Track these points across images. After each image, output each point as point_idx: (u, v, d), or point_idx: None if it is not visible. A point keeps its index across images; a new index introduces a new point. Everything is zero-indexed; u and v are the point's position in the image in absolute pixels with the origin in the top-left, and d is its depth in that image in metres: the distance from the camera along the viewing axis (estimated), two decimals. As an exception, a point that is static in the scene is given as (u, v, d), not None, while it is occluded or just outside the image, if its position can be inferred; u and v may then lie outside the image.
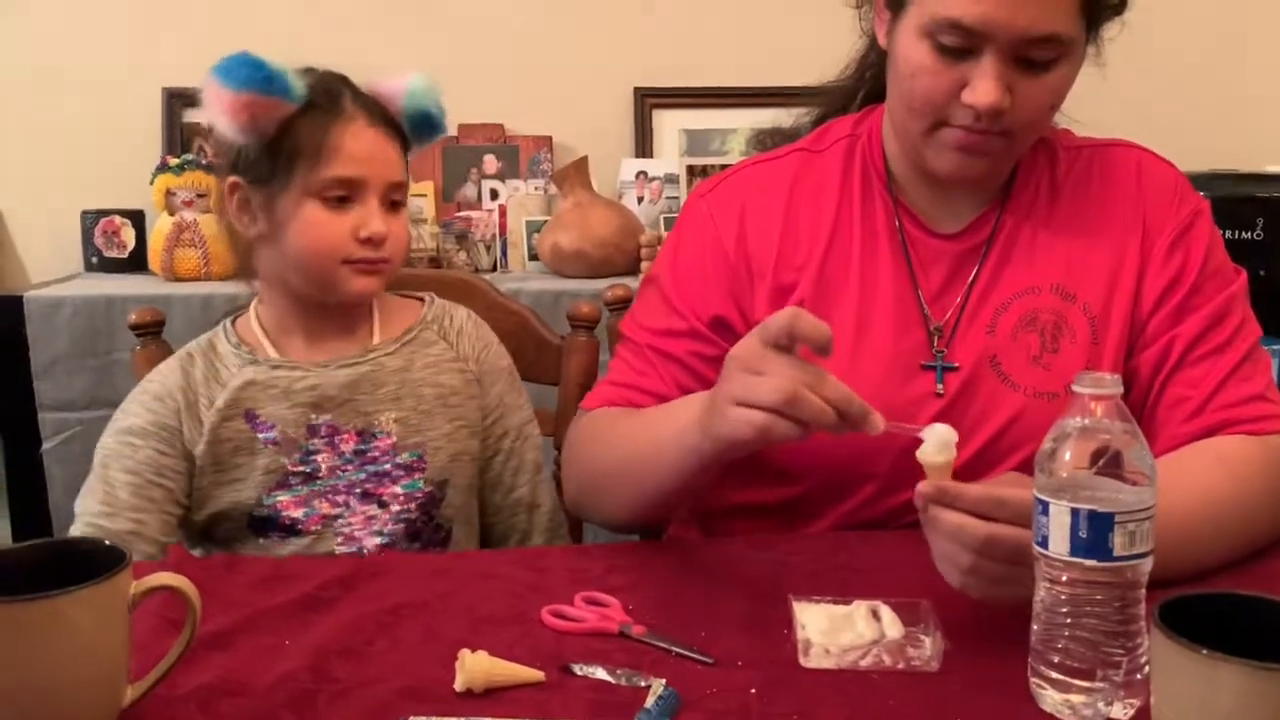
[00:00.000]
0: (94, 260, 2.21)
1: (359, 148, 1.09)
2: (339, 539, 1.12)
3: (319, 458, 1.13)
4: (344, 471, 1.13)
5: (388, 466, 1.14)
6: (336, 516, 1.13)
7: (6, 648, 0.63)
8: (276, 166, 1.09)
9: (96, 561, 0.68)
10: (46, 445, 1.93)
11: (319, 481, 1.13)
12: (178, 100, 2.29)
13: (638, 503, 1.00)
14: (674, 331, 1.07)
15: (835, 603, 0.81)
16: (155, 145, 2.26)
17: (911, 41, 0.96)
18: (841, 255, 1.05)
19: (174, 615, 0.75)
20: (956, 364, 1.02)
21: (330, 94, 1.11)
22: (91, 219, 2.21)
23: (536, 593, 0.88)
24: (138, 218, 2.21)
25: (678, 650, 0.78)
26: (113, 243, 2.20)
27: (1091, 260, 1.03)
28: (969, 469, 0.99)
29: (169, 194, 2.07)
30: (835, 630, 0.78)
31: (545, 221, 2.14)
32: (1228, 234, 1.92)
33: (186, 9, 2.28)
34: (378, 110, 1.12)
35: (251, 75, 1.05)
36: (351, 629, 0.83)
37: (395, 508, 1.14)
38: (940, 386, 1.02)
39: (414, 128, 1.16)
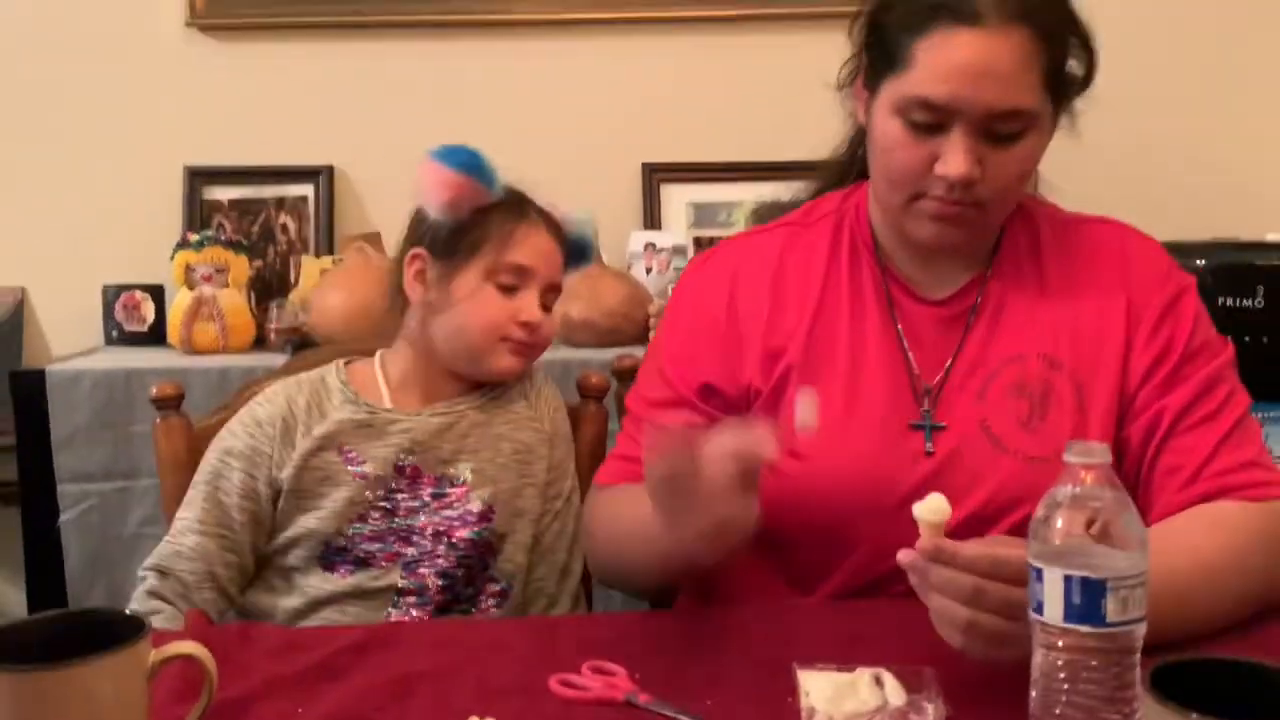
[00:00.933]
0: (114, 334, 2.25)
1: (536, 245, 1.24)
2: (403, 572, 1.18)
3: (400, 496, 1.20)
4: (420, 512, 1.20)
5: (460, 511, 1.21)
6: (409, 553, 1.19)
7: (28, 716, 0.65)
8: (462, 246, 1.23)
9: (116, 631, 0.70)
10: (64, 517, 1.95)
11: (397, 519, 1.20)
12: (199, 178, 2.35)
13: (651, 578, 1.04)
14: (667, 402, 1.12)
15: (839, 670, 0.82)
16: (176, 222, 2.31)
17: (886, 118, 1.01)
18: (829, 321, 1.08)
19: (191, 683, 0.76)
20: (944, 424, 1.04)
21: (519, 198, 1.27)
22: (113, 294, 2.25)
23: (545, 661, 0.89)
24: (157, 292, 2.25)
25: (683, 719, 0.79)
26: (133, 317, 2.25)
27: (1077, 330, 1.06)
28: (962, 531, 1.00)
29: (188, 269, 2.12)
30: (839, 697, 0.79)
31: (556, 293, 2.18)
32: (1228, 302, 1.94)
33: (208, 89, 2.35)
34: (553, 223, 1.28)
35: (468, 161, 1.21)
36: (363, 697, 0.84)
37: (461, 551, 1.19)
38: (930, 445, 1.04)
39: (572, 252, 1.31)
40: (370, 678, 0.88)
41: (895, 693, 0.80)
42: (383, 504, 1.20)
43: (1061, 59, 1.00)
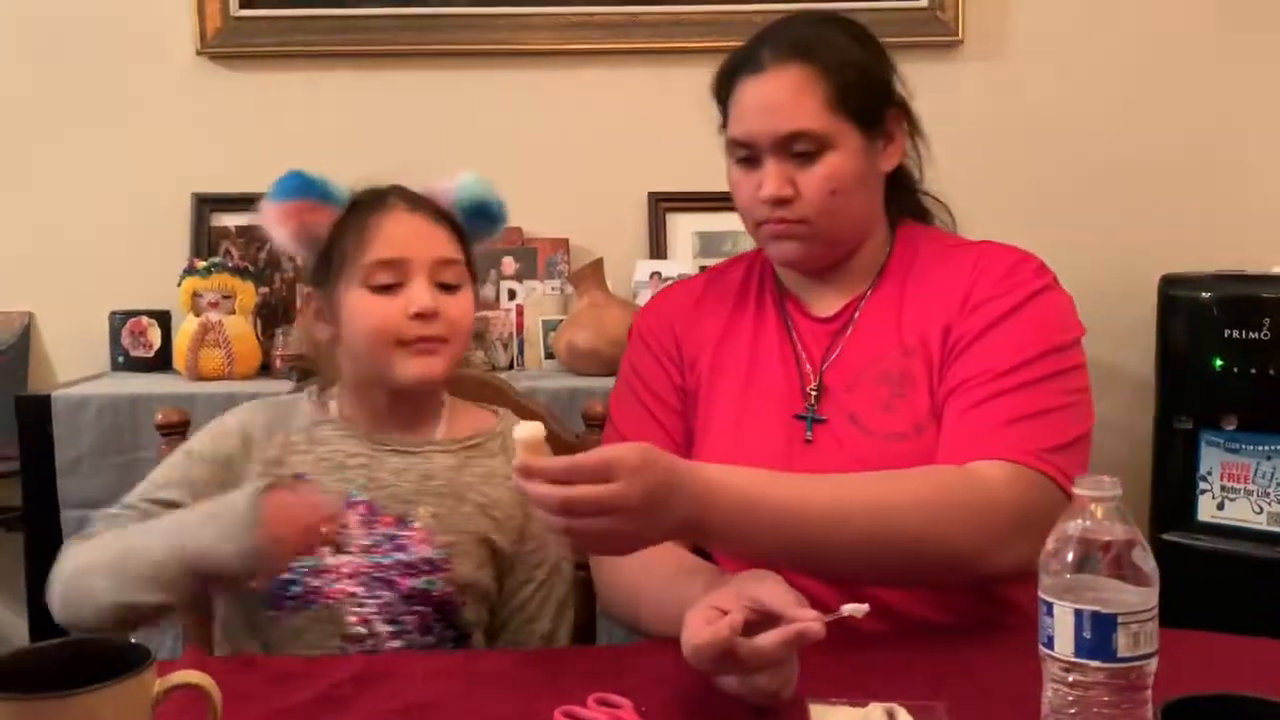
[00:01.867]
0: (120, 360, 2.25)
1: (397, 231, 1.14)
2: (353, 618, 1.13)
3: (352, 533, 1.14)
4: (372, 553, 1.14)
5: (413, 558, 1.14)
6: (355, 595, 1.13)
7: (32, 745, 0.65)
8: (330, 267, 1.16)
9: (121, 659, 0.70)
10: (67, 544, 1.94)
11: (345, 555, 1.13)
12: (206, 205, 2.36)
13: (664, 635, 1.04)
14: (645, 407, 1.24)
15: (851, 704, 0.82)
16: (184, 248, 2.32)
17: (729, 163, 1.20)
18: (735, 336, 1.25)
19: (195, 712, 0.76)
20: (825, 417, 1.17)
21: (374, 192, 1.18)
22: (119, 320, 2.26)
23: (549, 693, 0.88)
24: (164, 318, 2.26)
25: (690, 751, 0.79)
26: (139, 343, 2.25)
27: (927, 324, 1.16)
28: None
29: (195, 295, 2.12)
30: None
31: (561, 321, 2.18)
32: (1235, 334, 1.94)
33: (218, 117, 2.36)
34: (422, 201, 1.18)
35: (293, 185, 1.16)
36: (367, 728, 0.84)
37: (412, 599, 1.14)
38: (809, 434, 1.17)
39: (470, 218, 1.21)
40: (373, 708, 0.88)
41: None
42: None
43: (847, 85, 1.13)
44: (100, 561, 1.05)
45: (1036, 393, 1.07)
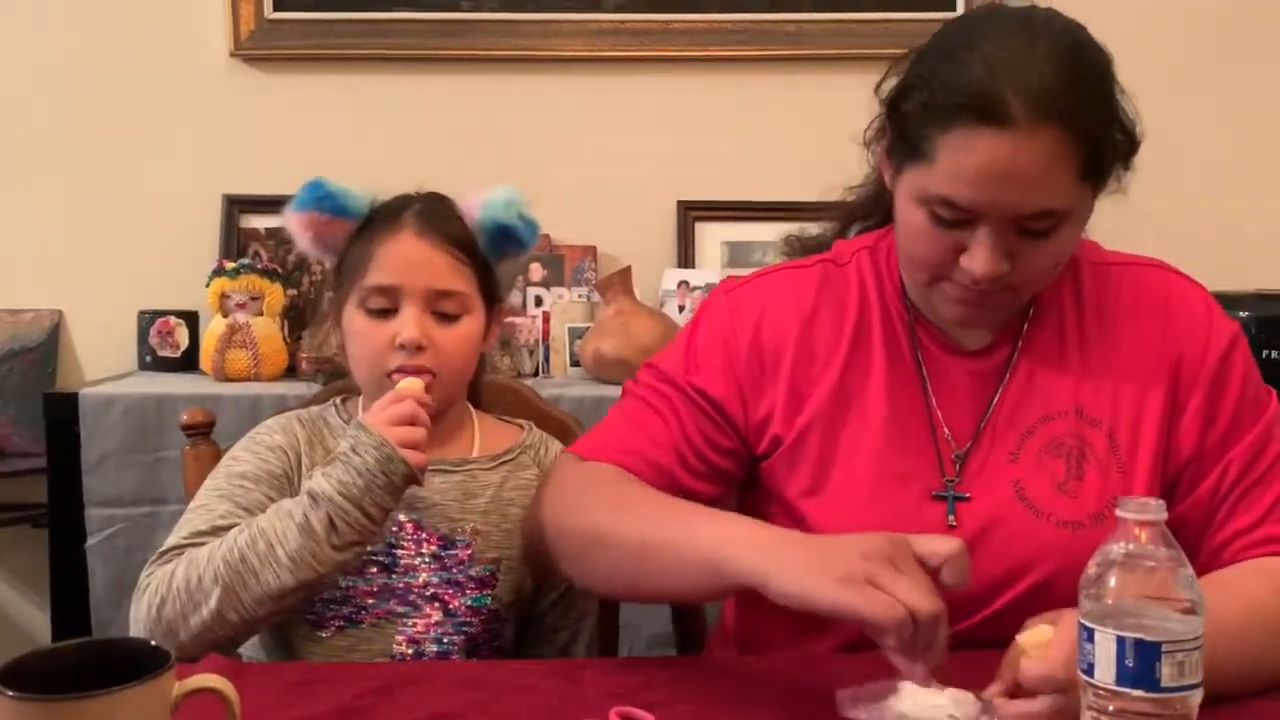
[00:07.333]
0: (148, 359, 2.26)
1: (396, 257, 1.12)
2: (400, 638, 1.11)
3: (399, 552, 1.13)
4: (419, 571, 1.13)
5: (461, 576, 1.14)
6: (404, 614, 1.12)
7: (49, 748, 0.64)
8: (342, 279, 1.16)
9: (141, 662, 0.69)
10: (91, 541, 1.95)
11: (395, 575, 1.12)
12: (236, 206, 2.37)
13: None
14: (669, 393, 1.08)
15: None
16: (213, 249, 2.33)
17: (908, 205, 0.96)
18: (860, 372, 1.04)
19: (214, 718, 0.75)
20: (968, 494, 1.00)
21: (392, 210, 1.16)
22: (148, 319, 2.27)
23: (572, 706, 0.87)
24: (192, 319, 2.27)
25: (715, 771, 0.77)
26: (166, 343, 2.26)
27: (1118, 386, 1.01)
28: (988, 596, 0.97)
29: (223, 297, 2.13)
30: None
31: (588, 328, 2.17)
32: (1272, 354, 1.91)
33: (250, 118, 2.37)
34: (435, 223, 1.14)
35: (309, 196, 1.15)
36: (386, 738, 0.82)
37: (460, 618, 1.13)
38: (952, 518, 0.99)
39: (490, 240, 1.17)
40: (395, 718, 0.86)
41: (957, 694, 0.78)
42: (380, 558, 1.12)
43: (1099, 149, 0.92)
44: (210, 571, 1.00)
45: None
